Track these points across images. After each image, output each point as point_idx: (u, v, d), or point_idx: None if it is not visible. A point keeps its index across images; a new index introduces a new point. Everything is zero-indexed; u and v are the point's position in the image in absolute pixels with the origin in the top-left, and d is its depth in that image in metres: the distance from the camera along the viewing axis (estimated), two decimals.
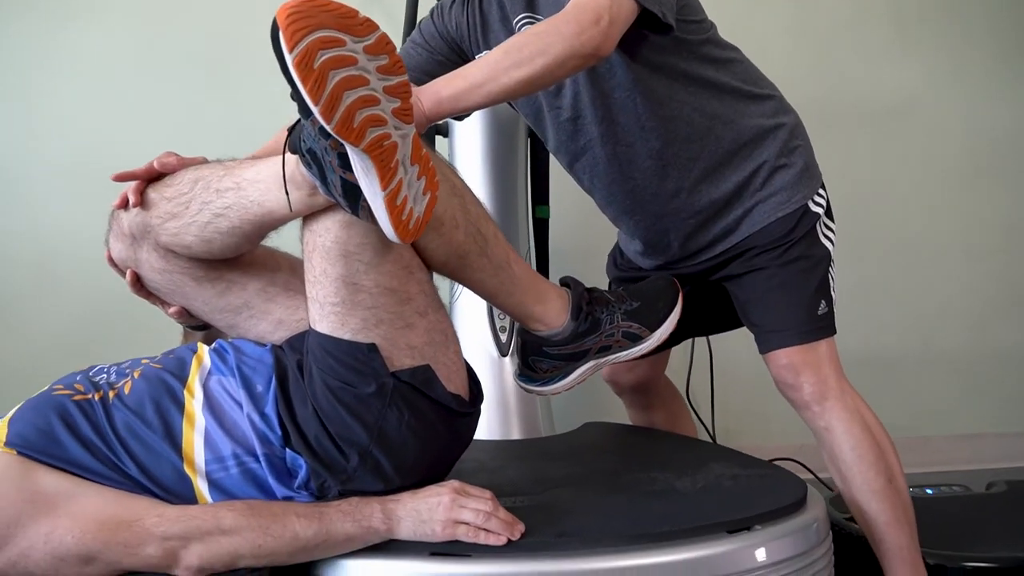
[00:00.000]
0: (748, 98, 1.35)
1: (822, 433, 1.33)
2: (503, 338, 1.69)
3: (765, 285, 1.34)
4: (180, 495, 1.01)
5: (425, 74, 1.33)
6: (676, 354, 1.70)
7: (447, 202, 1.06)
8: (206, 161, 1.09)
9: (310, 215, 1.02)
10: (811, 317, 1.32)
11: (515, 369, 1.25)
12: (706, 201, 1.35)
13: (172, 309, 1.16)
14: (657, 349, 1.25)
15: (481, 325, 1.68)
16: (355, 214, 0.96)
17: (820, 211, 1.36)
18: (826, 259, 1.36)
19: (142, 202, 1.07)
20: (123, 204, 1.08)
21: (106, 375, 1.10)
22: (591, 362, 1.21)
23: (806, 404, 1.32)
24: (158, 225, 1.07)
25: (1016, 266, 2.55)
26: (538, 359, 1.20)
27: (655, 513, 1.13)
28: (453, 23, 1.40)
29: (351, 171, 0.91)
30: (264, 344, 1.12)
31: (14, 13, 2.10)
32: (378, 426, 1.02)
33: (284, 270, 1.15)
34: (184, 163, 1.09)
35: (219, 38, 2.19)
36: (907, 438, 1.38)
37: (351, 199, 0.94)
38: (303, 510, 1.00)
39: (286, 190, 0.98)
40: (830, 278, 1.36)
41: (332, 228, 1.01)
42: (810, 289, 1.33)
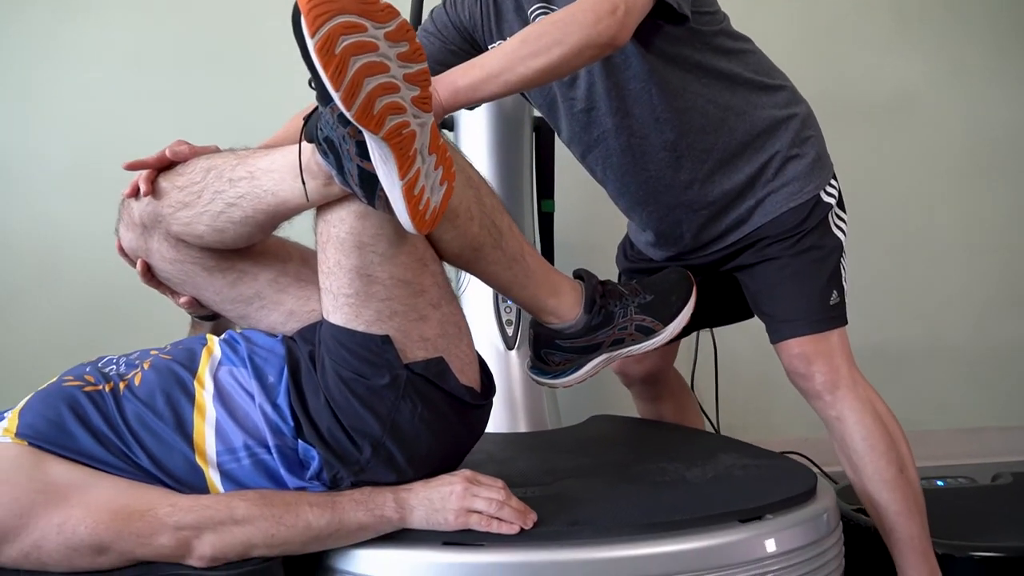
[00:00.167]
0: (761, 89, 1.35)
1: (833, 423, 1.33)
2: (509, 331, 1.68)
3: (777, 275, 1.34)
4: (192, 486, 1.01)
5: (438, 63, 1.32)
6: (680, 349, 1.70)
7: (463, 194, 1.05)
8: (218, 150, 1.08)
9: (324, 205, 1.01)
10: (823, 307, 1.32)
11: (527, 361, 1.24)
12: (719, 192, 1.34)
13: (182, 299, 1.15)
14: (668, 341, 1.25)
15: (487, 318, 1.68)
16: (371, 204, 0.95)
17: (832, 201, 1.36)
18: (838, 249, 1.35)
19: (153, 191, 1.06)
20: (134, 193, 1.07)
21: (115, 366, 1.09)
22: (604, 355, 1.21)
23: (818, 393, 1.32)
24: (169, 214, 1.06)
25: (1018, 262, 2.55)
26: (551, 352, 1.20)
27: (666, 503, 1.13)
28: (466, 12, 1.40)
29: (369, 160, 0.90)
30: (275, 335, 1.12)
31: (15, 9, 2.09)
32: (391, 418, 1.02)
33: (296, 260, 1.14)
34: (196, 152, 1.08)
35: (221, 34, 2.18)
36: (910, 432, 1.38)
37: (368, 188, 0.93)
38: (316, 499, 1.00)
39: (302, 179, 0.97)
40: (842, 268, 1.36)
41: (347, 219, 1.00)
42: (822, 279, 1.33)
